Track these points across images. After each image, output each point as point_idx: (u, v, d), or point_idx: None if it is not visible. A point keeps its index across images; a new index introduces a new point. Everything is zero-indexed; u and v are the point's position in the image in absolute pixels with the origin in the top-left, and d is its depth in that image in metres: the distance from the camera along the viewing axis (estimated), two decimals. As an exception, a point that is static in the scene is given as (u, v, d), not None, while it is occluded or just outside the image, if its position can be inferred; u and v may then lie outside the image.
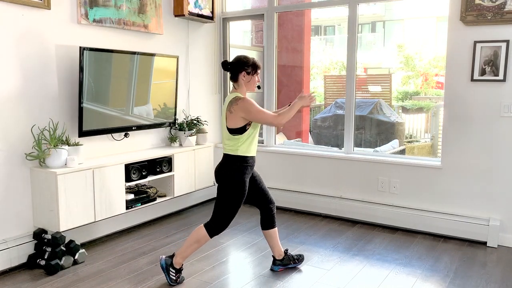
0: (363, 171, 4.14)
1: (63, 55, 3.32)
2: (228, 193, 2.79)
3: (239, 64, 2.81)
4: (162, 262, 2.88)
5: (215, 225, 2.81)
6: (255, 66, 2.83)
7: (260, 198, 3.03)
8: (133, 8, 3.78)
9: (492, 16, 3.40)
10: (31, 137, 3.14)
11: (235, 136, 2.77)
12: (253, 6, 5.56)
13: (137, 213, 4.02)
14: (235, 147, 2.79)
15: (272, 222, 3.06)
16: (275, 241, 3.09)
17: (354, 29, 4.12)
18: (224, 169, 2.82)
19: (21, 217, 3.16)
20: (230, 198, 2.79)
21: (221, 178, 2.82)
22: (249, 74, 2.81)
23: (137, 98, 3.78)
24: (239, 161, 2.79)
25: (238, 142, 2.78)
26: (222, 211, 2.80)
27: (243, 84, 2.82)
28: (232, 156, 2.80)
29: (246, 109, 2.72)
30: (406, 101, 7.70)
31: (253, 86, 2.87)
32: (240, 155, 2.79)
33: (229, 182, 2.79)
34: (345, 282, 2.95)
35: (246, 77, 2.81)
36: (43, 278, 3.00)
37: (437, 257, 3.37)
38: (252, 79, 2.83)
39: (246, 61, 2.81)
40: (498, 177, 3.56)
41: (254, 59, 2.84)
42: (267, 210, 3.05)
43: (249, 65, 2.80)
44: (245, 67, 2.80)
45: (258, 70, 2.85)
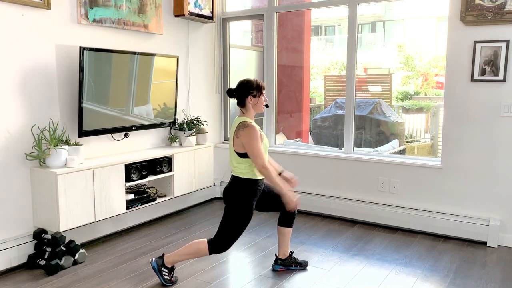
0: (363, 171, 4.14)
1: (63, 55, 3.32)
2: (235, 215, 2.79)
3: (244, 90, 2.81)
4: (153, 264, 2.87)
5: (218, 245, 2.81)
6: (259, 88, 2.83)
7: (278, 202, 2.96)
8: (133, 8, 3.78)
9: (492, 16, 3.40)
10: (31, 137, 3.14)
11: (243, 160, 2.78)
12: (253, 6, 5.56)
13: (137, 213, 4.02)
14: (244, 170, 2.79)
15: (291, 222, 3.07)
16: (286, 240, 3.10)
17: (354, 29, 4.12)
18: (233, 191, 2.81)
19: (21, 217, 3.16)
20: (236, 220, 2.79)
21: (229, 199, 2.82)
22: (255, 97, 2.82)
23: (137, 98, 3.78)
24: (248, 184, 2.80)
25: (247, 165, 2.79)
26: (227, 232, 2.80)
27: (251, 107, 2.83)
28: (242, 179, 2.80)
29: (248, 137, 2.72)
30: (406, 101, 7.71)
31: (260, 107, 2.88)
32: (250, 178, 2.80)
33: (236, 204, 2.79)
34: (345, 282, 2.96)
35: (253, 100, 2.82)
36: (43, 278, 3.00)
37: (437, 257, 3.37)
38: (259, 100, 2.84)
39: (250, 85, 2.81)
40: (498, 177, 3.56)
41: (257, 80, 2.85)
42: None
43: (254, 88, 2.81)
44: (251, 91, 2.80)
45: (263, 91, 2.86)
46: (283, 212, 3.04)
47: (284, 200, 2.81)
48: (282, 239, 3.10)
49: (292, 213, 3.05)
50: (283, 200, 2.81)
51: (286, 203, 2.82)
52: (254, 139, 2.71)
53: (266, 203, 2.98)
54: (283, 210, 3.03)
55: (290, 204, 2.82)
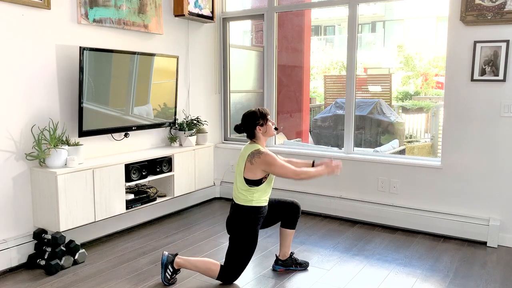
0: (363, 171, 4.14)
1: (63, 55, 3.32)
2: (240, 245, 2.81)
3: (250, 123, 2.84)
4: (164, 257, 2.88)
5: (227, 274, 2.83)
6: (264, 116, 2.86)
7: (281, 210, 3.02)
8: (133, 8, 3.79)
9: (492, 16, 3.40)
10: (31, 137, 3.14)
11: (251, 187, 2.80)
12: (253, 6, 5.56)
13: (137, 213, 4.02)
14: (249, 197, 2.80)
15: (294, 224, 3.07)
16: (287, 242, 3.10)
17: (354, 29, 4.12)
18: (236, 221, 2.83)
19: (21, 217, 3.16)
20: (243, 250, 2.81)
21: (233, 230, 2.84)
22: (262, 125, 2.85)
23: (137, 98, 3.78)
24: (252, 212, 2.81)
25: (254, 192, 2.80)
26: (234, 262, 2.82)
27: (261, 136, 2.86)
28: (245, 207, 2.81)
29: (269, 163, 2.75)
30: (406, 101, 7.71)
31: (270, 132, 2.90)
32: (254, 206, 2.81)
33: (241, 234, 2.81)
34: (345, 282, 2.95)
35: (262, 129, 2.85)
36: (43, 278, 2.99)
37: (437, 257, 3.37)
38: (267, 127, 2.87)
39: (254, 116, 2.84)
40: (498, 177, 3.56)
41: (259, 108, 2.88)
42: (293, 211, 3.04)
43: (258, 117, 2.84)
44: (257, 122, 2.83)
45: (268, 117, 2.88)
46: (286, 215, 3.05)
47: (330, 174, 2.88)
48: (283, 241, 3.11)
49: (295, 215, 3.06)
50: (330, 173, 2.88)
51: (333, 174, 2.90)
52: (275, 160, 2.78)
53: (268, 220, 3.00)
54: (285, 215, 3.05)
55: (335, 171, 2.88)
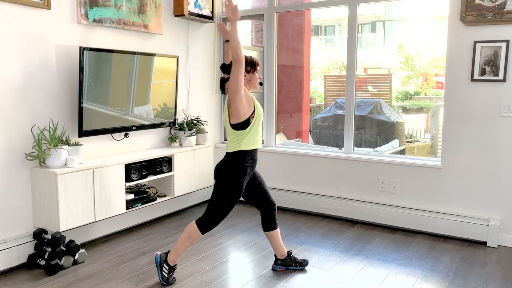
0: (363, 171, 4.14)
1: (63, 55, 3.32)
2: (224, 191, 2.80)
3: None
4: (156, 258, 2.89)
5: (207, 222, 2.83)
6: (253, 64, 2.83)
7: (260, 199, 3.03)
8: (133, 8, 3.78)
9: (492, 16, 3.40)
10: (31, 137, 3.14)
11: (238, 132, 2.78)
12: (253, 6, 5.56)
13: (137, 213, 4.02)
14: (237, 142, 2.79)
15: (273, 224, 3.06)
16: (277, 242, 3.10)
17: (354, 29, 4.12)
18: (224, 168, 2.82)
19: (21, 217, 3.16)
20: (225, 197, 2.80)
21: (220, 176, 2.83)
22: (249, 72, 2.82)
23: (137, 98, 3.78)
24: (240, 158, 2.79)
25: (242, 136, 2.78)
26: (215, 208, 2.82)
27: (245, 83, 2.82)
28: (234, 154, 2.80)
29: (230, 90, 2.68)
30: (406, 101, 7.71)
31: (255, 84, 2.87)
32: (243, 149, 2.79)
33: (226, 181, 2.80)
34: (345, 282, 2.95)
35: (247, 76, 2.82)
36: (43, 278, 3.00)
37: (437, 257, 3.37)
38: (253, 77, 2.84)
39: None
40: (498, 177, 3.56)
41: (252, 56, 2.85)
42: (267, 212, 3.05)
43: (248, 63, 2.80)
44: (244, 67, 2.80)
45: (257, 67, 2.86)
46: (263, 214, 3.05)
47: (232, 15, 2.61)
48: (273, 242, 3.10)
49: (272, 215, 3.05)
50: (231, 16, 2.61)
51: (233, 13, 2.61)
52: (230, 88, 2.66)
53: (252, 194, 3.00)
54: (263, 212, 3.05)
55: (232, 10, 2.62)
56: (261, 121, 2.87)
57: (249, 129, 2.78)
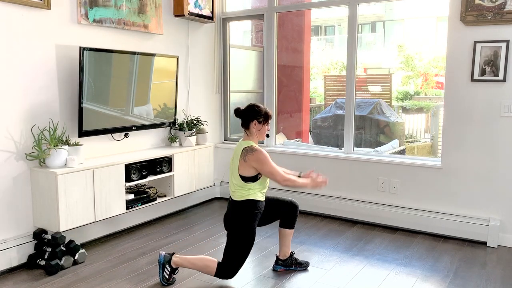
0: (363, 171, 4.14)
1: (63, 55, 3.32)
2: (240, 241, 2.80)
3: (251, 113, 2.84)
4: (160, 257, 2.88)
5: (225, 271, 2.82)
6: (266, 116, 2.86)
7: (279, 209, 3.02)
8: (133, 8, 3.79)
9: (492, 16, 3.40)
10: (31, 137, 3.14)
11: (247, 184, 2.80)
12: (253, 6, 5.56)
13: (137, 213, 4.02)
14: (245, 193, 2.80)
15: (292, 223, 3.06)
16: (287, 242, 3.10)
17: (354, 29, 4.12)
18: (233, 217, 2.83)
19: (21, 217, 3.16)
20: (241, 245, 2.80)
21: (230, 226, 2.84)
22: (260, 123, 2.85)
23: (137, 98, 3.78)
24: (248, 207, 2.81)
25: (250, 188, 2.80)
26: (232, 258, 2.81)
27: (254, 132, 2.85)
28: (242, 202, 2.80)
29: (261, 161, 2.76)
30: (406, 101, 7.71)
31: (263, 135, 2.91)
32: (251, 199, 2.80)
33: (238, 230, 2.80)
34: (345, 282, 2.95)
35: (257, 126, 2.84)
36: (43, 278, 2.99)
37: (437, 257, 3.37)
38: (263, 128, 2.87)
39: (258, 110, 2.84)
40: (498, 177, 3.56)
41: (266, 109, 2.88)
42: (291, 211, 3.04)
43: (261, 115, 2.84)
44: (257, 117, 2.83)
45: (269, 120, 2.89)
46: (284, 214, 3.05)
47: (314, 188, 2.90)
48: (283, 241, 3.10)
49: (294, 215, 3.05)
50: (314, 187, 2.90)
51: (317, 188, 2.92)
52: (266, 159, 2.77)
53: (266, 217, 3.00)
54: (283, 214, 3.05)
55: (320, 186, 2.90)
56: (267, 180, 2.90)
57: (259, 183, 2.82)
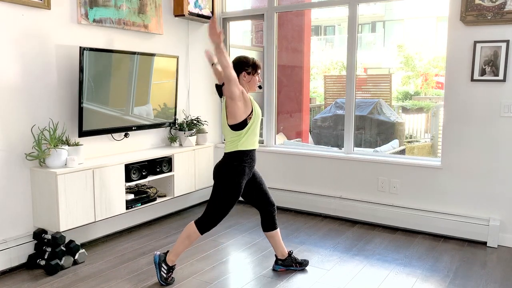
0: (363, 171, 4.14)
1: (63, 55, 3.32)
2: (223, 192, 2.80)
3: (239, 65, 2.82)
4: (155, 257, 2.89)
5: (206, 222, 2.83)
6: (255, 66, 2.84)
7: (260, 199, 3.03)
8: (133, 8, 3.78)
9: (492, 16, 3.40)
10: (31, 137, 3.14)
11: (236, 133, 2.79)
12: (253, 6, 5.56)
13: (137, 213, 4.02)
14: (235, 142, 2.79)
15: (273, 224, 3.06)
16: (277, 242, 3.10)
17: (354, 29, 4.12)
18: (222, 168, 2.82)
19: (21, 217, 3.16)
20: (224, 197, 2.80)
21: (218, 176, 2.83)
22: (249, 74, 2.83)
23: (137, 98, 3.78)
24: (238, 158, 2.79)
25: (239, 137, 2.79)
26: (214, 209, 2.82)
27: (244, 84, 2.83)
28: (232, 154, 2.80)
29: (225, 92, 2.72)
30: (406, 101, 7.71)
31: (254, 86, 2.88)
32: (241, 150, 2.79)
33: (225, 181, 2.80)
34: (345, 282, 2.95)
35: (247, 77, 2.83)
36: (43, 278, 3.00)
37: (437, 257, 3.37)
38: (253, 79, 2.85)
39: (246, 61, 2.83)
40: (498, 177, 3.56)
41: (254, 59, 2.86)
42: (267, 212, 3.04)
43: (249, 65, 2.82)
44: (245, 67, 2.82)
45: (258, 70, 2.87)
46: (263, 215, 3.05)
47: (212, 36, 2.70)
48: (273, 242, 3.10)
49: (272, 216, 3.05)
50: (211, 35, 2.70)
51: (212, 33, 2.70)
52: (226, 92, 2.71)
53: (251, 194, 2.99)
54: (262, 212, 3.05)
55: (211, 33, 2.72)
56: (259, 122, 2.87)
57: (247, 130, 2.78)
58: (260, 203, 3.03)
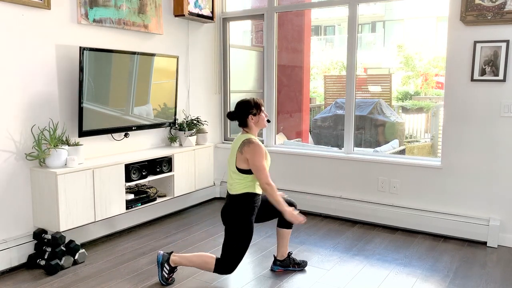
0: (363, 171, 4.14)
1: (63, 55, 3.32)
2: (238, 235, 2.78)
3: (243, 111, 2.82)
4: (159, 257, 2.88)
5: (224, 266, 2.80)
6: (257, 105, 2.84)
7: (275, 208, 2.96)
8: (133, 8, 3.79)
9: (492, 16, 3.40)
10: (31, 137, 3.14)
11: (245, 176, 2.78)
12: (253, 6, 5.56)
13: (137, 213, 4.02)
14: (243, 185, 2.78)
15: (290, 223, 3.02)
16: (285, 242, 3.10)
17: (354, 29, 4.12)
18: (233, 211, 2.80)
19: (21, 217, 3.16)
20: (240, 240, 2.78)
21: (228, 220, 2.82)
22: (255, 115, 2.83)
23: (137, 98, 3.78)
24: (246, 200, 2.79)
25: (248, 181, 2.79)
26: (231, 253, 2.79)
27: (253, 125, 2.84)
28: (239, 196, 2.79)
29: (254, 153, 2.72)
30: (406, 101, 7.71)
31: (263, 123, 2.88)
32: (248, 192, 2.79)
33: (238, 224, 2.78)
34: (345, 282, 2.96)
35: (254, 119, 2.83)
36: (43, 278, 3.00)
37: (437, 257, 3.37)
38: (260, 117, 2.85)
39: (248, 104, 2.82)
40: (498, 177, 3.56)
41: (254, 98, 2.87)
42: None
43: (252, 106, 2.82)
44: (250, 111, 2.81)
45: (262, 107, 2.87)
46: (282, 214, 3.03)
47: (286, 217, 2.79)
48: (281, 241, 3.10)
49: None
50: (286, 217, 2.80)
51: (290, 220, 2.81)
52: (259, 155, 2.73)
53: (263, 213, 2.98)
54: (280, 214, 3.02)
55: (294, 221, 2.81)
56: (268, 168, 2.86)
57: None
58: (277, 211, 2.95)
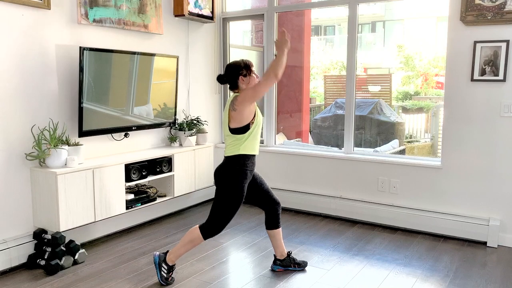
0: (363, 171, 4.14)
1: (63, 55, 3.32)
2: (226, 197, 2.79)
3: (233, 72, 2.81)
4: (155, 258, 2.89)
5: (210, 228, 2.82)
6: (247, 66, 2.82)
7: (264, 199, 3.03)
8: (133, 8, 3.78)
9: (492, 16, 3.40)
10: (31, 137, 3.14)
11: (237, 136, 2.77)
12: (253, 6, 5.56)
13: (137, 213, 4.02)
14: (236, 146, 2.78)
15: (277, 223, 3.06)
16: (278, 241, 3.10)
17: (354, 29, 4.12)
18: (224, 172, 2.81)
19: (21, 217, 3.16)
20: (228, 202, 2.78)
21: (220, 181, 2.82)
22: (245, 76, 2.81)
23: (137, 98, 3.78)
24: (239, 162, 2.79)
25: (241, 140, 2.78)
26: (218, 214, 2.80)
27: (244, 87, 2.82)
28: (233, 157, 2.79)
29: (246, 93, 2.71)
30: (406, 101, 7.71)
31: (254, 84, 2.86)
32: (242, 154, 2.78)
33: (227, 186, 2.79)
34: (345, 282, 2.96)
35: (245, 80, 2.81)
36: (43, 278, 3.00)
37: (437, 257, 3.37)
38: (251, 78, 2.83)
39: (238, 65, 2.81)
40: (498, 177, 3.56)
41: (243, 59, 2.85)
42: (272, 210, 3.04)
43: (242, 67, 2.81)
44: (240, 72, 2.80)
45: (252, 68, 2.85)
46: (267, 213, 3.06)
47: (282, 45, 2.66)
48: (274, 241, 3.10)
49: (276, 214, 3.05)
50: (282, 47, 2.65)
51: (281, 45, 2.67)
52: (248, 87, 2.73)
53: (254, 195, 2.99)
54: (267, 211, 3.05)
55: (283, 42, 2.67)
56: (260, 128, 2.87)
57: (248, 134, 2.78)
58: (264, 202, 3.03)
